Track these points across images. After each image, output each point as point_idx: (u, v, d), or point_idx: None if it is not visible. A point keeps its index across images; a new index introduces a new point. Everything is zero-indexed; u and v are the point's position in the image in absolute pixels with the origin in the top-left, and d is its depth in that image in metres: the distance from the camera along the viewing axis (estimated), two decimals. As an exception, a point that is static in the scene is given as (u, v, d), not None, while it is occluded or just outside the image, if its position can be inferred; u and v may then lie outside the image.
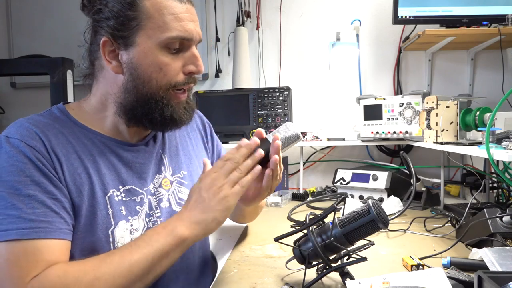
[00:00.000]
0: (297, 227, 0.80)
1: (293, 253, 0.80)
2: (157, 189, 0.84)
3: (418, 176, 1.55)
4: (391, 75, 1.98)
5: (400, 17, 1.71)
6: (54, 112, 0.79)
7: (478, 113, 1.22)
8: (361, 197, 1.54)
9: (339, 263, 0.75)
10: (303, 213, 1.31)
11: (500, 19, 1.62)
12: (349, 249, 0.75)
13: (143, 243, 0.69)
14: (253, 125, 1.80)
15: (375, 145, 1.95)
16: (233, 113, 1.84)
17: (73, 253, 0.71)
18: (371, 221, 0.71)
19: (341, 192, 1.61)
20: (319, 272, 0.77)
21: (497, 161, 1.31)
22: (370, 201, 0.73)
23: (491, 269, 0.74)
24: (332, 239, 0.73)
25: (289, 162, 1.96)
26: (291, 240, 0.81)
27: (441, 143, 1.27)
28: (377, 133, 1.68)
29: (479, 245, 0.94)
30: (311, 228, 0.77)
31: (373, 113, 1.70)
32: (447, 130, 1.31)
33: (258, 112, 1.79)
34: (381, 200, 1.47)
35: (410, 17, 1.71)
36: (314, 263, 0.77)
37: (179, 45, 0.75)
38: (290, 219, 1.24)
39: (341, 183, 1.58)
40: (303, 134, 1.84)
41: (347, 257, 0.77)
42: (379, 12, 1.96)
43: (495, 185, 1.55)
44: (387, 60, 1.98)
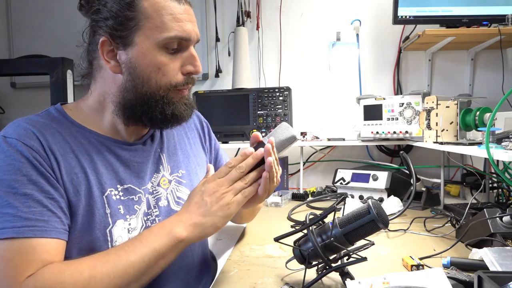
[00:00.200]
0: (297, 227, 0.80)
1: (293, 253, 0.80)
2: (155, 188, 0.84)
3: (418, 176, 1.55)
4: (391, 75, 1.98)
5: (400, 17, 1.71)
6: (51, 112, 0.79)
7: (478, 113, 1.22)
8: (361, 197, 1.54)
9: (339, 263, 0.75)
10: (303, 213, 1.31)
11: (500, 19, 1.62)
12: (349, 249, 0.75)
13: (140, 244, 0.69)
14: (253, 125, 1.79)
15: (375, 145, 1.95)
16: (233, 113, 1.83)
17: (71, 252, 0.71)
18: (371, 221, 0.71)
19: (341, 192, 1.61)
20: (319, 272, 0.77)
21: (497, 161, 1.31)
22: (370, 201, 0.73)
23: (491, 269, 0.74)
24: (332, 239, 0.73)
25: (289, 162, 1.96)
26: (291, 240, 0.81)
27: (441, 143, 1.27)
28: (377, 133, 1.68)
29: (479, 245, 0.94)
30: (311, 228, 0.77)
31: (373, 113, 1.70)
32: (447, 130, 1.31)
33: (258, 112, 1.79)
34: (381, 200, 1.47)
35: (410, 17, 1.71)
36: (314, 263, 0.77)
37: (177, 45, 0.75)
38: (290, 219, 1.24)
39: (341, 183, 1.58)
40: (303, 134, 1.84)
41: (347, 257, 0.77)
42: (379, 12, 1.96)
43: (495, 185, 1.56)
44: (387, 60, 1.98)
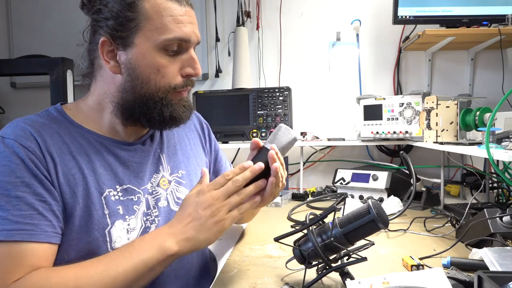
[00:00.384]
0: (297, 227, 0.80)
1: (293, 253, 0.80)
2: (155, 188, 0.84)
3: (418, 176, 1.55)
4: (391, 75, 1.98)
5: (400, 17, 1.71)
6: (51, 112, 0.79)
7: (478, 113, 1.22)
8: (361, 197, 1.54)
9: (339, 263, 0.75)
10: (303, 213, 1.31)
11: (500, 19, 1.62)
12: (349, 249, 0.75)
13: (129, 255, 0.69)
14: (253, 125, 1.79)
15: (375, 145, 1.95)
16: (233, 113, 1.83)
17: (69, 254, 0.70)
18: (371, 221, 0.71)
19: (341, 192, 1.61)
20: (319, 272, 0.77)
21: (497, 161, 1.31)
22: (370, 201, 0.73)
23: (491, 269, 0.74)
24: (332, 239, 0.73)
25: (289, 162, 1.96)
26: (291, 240, 0.81)
27: (441, 143, 1.27)
28: (377, 133, 1.68)
29: (479, 245, 0.94)
30: (311, 228, 0.77)
31: (373, 113, 1.70)
32: (447, 130, 1.31)
33: (258, 112, 1.79)
34: (381, 200, 1.47)
35: (410, 17, 1.71)
36: (314, 263, 0.77)
37: (177, 47, 0.75)
38: (290, 219, 1.24)
39: (341, 183, 1.58)
40: (303, 134, 1.84)
41: (347, 257, 0.77)
42: (379, 12, 1.96)
43: (495, 185, 1.56)
44: (387, 60, 1.98)
